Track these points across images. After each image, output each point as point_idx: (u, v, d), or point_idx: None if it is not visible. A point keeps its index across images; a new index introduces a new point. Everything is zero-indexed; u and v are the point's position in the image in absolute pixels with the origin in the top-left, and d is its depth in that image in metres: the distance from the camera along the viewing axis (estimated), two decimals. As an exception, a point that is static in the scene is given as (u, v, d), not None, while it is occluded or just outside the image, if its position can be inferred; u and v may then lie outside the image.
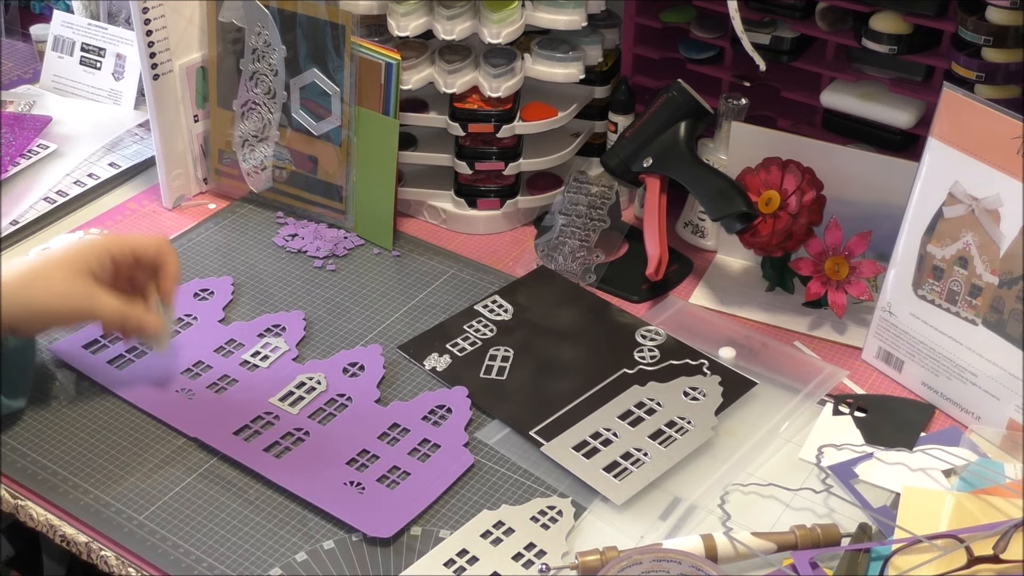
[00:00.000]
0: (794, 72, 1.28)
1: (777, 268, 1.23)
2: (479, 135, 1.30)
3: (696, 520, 0.96)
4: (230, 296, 1.22)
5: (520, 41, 1.28)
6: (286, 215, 1.36)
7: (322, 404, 1.07)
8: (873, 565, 0.88)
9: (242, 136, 1.35)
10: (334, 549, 0.94)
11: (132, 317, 1.04)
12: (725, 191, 1.18)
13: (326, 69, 1.27)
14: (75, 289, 1.01)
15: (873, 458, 1.01)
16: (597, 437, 1.03)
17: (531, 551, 0.93)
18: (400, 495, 0.98)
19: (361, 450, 1.02)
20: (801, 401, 1.09)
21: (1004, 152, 0.98)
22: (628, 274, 1.26)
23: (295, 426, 1.05)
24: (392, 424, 1.05)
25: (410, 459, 1.02)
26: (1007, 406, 1.02)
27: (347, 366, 1.12)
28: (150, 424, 1.06)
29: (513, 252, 1.32)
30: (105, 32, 1.57)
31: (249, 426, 1.05)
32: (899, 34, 1.17)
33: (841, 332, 1.19)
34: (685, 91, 1.22)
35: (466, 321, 1.18)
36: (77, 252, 1.02)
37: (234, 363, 1.12)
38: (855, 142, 1.25)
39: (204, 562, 0.93)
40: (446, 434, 1.04)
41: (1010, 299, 1.00)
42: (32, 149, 1.44)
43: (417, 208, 1.37)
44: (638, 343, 1.16)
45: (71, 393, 1.09)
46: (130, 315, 1.03)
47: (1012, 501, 0.93)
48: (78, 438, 1.04)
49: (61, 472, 1.01)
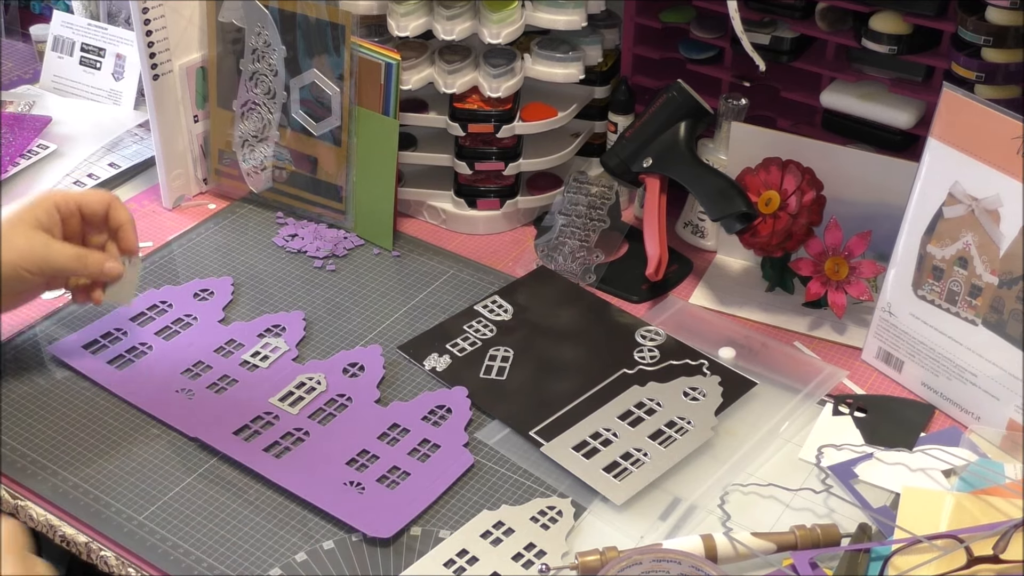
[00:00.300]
0: (794, 72, 1.28)
1: (777, 268, 1.23)
2: (479, 135, 1.30)
3: (696, 520, 0.96)
4: (230, 296, 1.22)
5: (520, 41, 1.28)
6: (286, 215, 1.36)
7: (322, 404, 1.07)
8: (873, 565, 0.88)
9: (242, 136, 1.35)
10: (334, 549, 0.94)
11: (92, 259, 1.04)
12: (725, 191, 1.18)
13: (326, 69, 1.27)
14: (31, 241, 1.01)
15: (873, 458, 1.01)
16: (597, 437, 1.03)
17: (531, 551, 0.93)
18: (400, 495, 0.98)
19: (361, 450, 1.02)
20: (801, 401, 1.09)
21: (1004, 152, 0.98)
22: (628, 274, 1.26)
23: (295, 426, 1.05)
24: (392, 424, 1.05)
25: (410, 459, 1.02)
26: (1007, 406, 1.02)
27: (347, 366, 1.12)
28: (150, 424, 1.06)
29: (513, 252, 1.32)
30: (105, 32, 1.57)
31: (249, 426, 1.05)
32: (899, 34, 1.17)
33: (841, 332, 1.19)
34: (685, 91, 1.22)
35: (466, 321, 1.18)
36: (24, 208, 1.03)
37: (234, 363, 1.12)
38: (855, 142, 1.25)
39: (204, 562, 0.93)
40: (446, 434, 1.04)
41: (1010, 299, 1.00)
42: (32, 149, 1.44)
43: (417, 208, 1.37)
44: (638, 343, 1.16)
45: (70, 393, 1.09)
46: (90, 257, 1.04)
47: (1012, 501, 0.93)
48: (78, 438, 1.04)
49: (61, 472, 1.01)
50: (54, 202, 1.04)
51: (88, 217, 1.06)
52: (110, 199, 1.07)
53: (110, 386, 1.09)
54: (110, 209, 1.07)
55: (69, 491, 0.99)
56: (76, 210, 1.05)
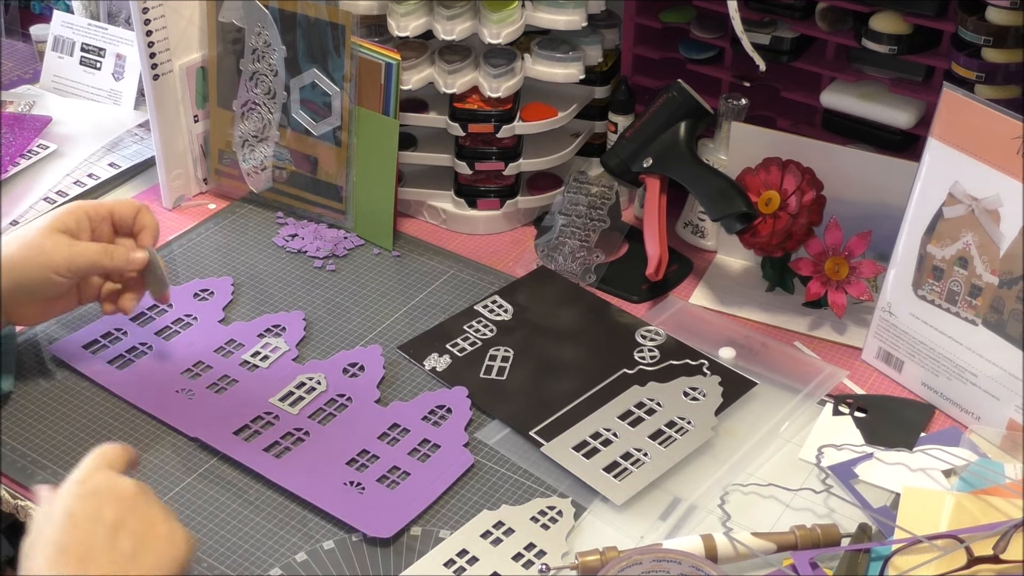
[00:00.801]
0: (794, 72, 1.28)
1: (777, 268, 1.23)
2: (479, 135, 1.30)
3: (696, 520, 0.96)
4: (230, 296, 1.22)
5: (520, 41, 1.28)
6: (286, 215, 1.36)
7: (322, 404, 1.07)
8: (873, 565, 0.88)
9: (242, 136, 1.35)
10: (334, 549, 0.94)
11: (118, 251, 1.05)
12: (725, 191, 1.18)
13: (326, 69, 1.27)
14: (56, 242, 1.03)
15: (873, 458, 1.01)
16: (597, 437, 1.03)
17: (531, 551, 0.93)
18: (400, 495, 0.98)
19: (361, 450, 1.02)
20: (801, 401, 1.09)
21: (1004, 152, 0.98)
22: (628, 274, 1.26)
23: (295, 426, 1.05)
24: (392, 424, 1.05)
25: (410, 459, 1.02)
26: (1007, 406, 1.02)
27: (347, 366, 1.12)
28: (150, 424, 1.06)
29: (513, 252, 1.32)
30: (105, 32, 1.57)
31: (249, 426, 1.05)
32: (899, 34, 1.17)
33: (841, 332, 1.19)
34: (685, 91, 1.22)
35: (466, 321, 1.18)
36: (51, 215, 1.05)
37: (234, 363, 1.12)
38: (855, 142, 1.25)
39: (204, 562, 0.93)
40: (446, 434, 1.04)
41: (1010, 299, 1.00)
42: (32, 149, 1.44)
43: (417, 208, 1.37)
44: (638, 343, 1.16)
45: (70, 393, 1.09)
46: (116, 250, 1.05)
47: (1012, 501, 0.93)
48: (78, 438, 1.04)
49: (61, 472, 1.00)
50: (84, 210, 1.06)
51: (118, 222, 1.08)
52: (140, 206, 1.09)
53: (110, 386, 1.09)
54: (138, 214, 1.09)
55: (69, 491, 0.99)
56: (108, 215, 1.08)
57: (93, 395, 1.09)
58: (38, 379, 1.10)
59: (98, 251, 1.04)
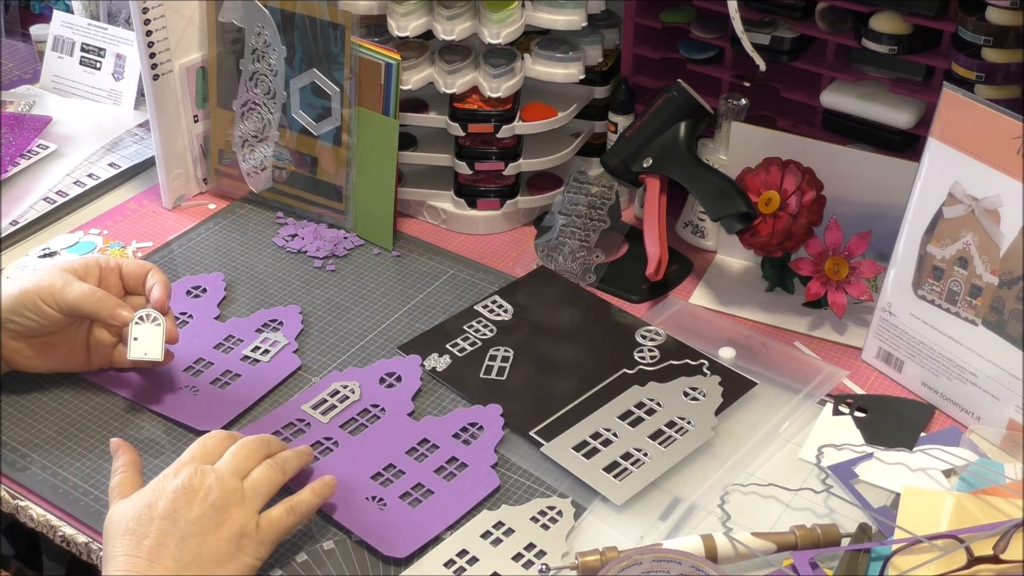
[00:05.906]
0: (794, 72, 1.28)
1: (777, 268, 1.23)
2: (479, 135, 1.30)
3: (696, 520, 0.96)
4: (223, 293, 1.22)
5: (520, 41, 1.28)
6: (286, 215, 1.36)
7: (355, 414, 1.06)
8: (873, 565, 0.88)
9: (242, 136, 1.35)
10: (334, 549, 0.93)
11: (107, 301, 1.04)
12: (725, 191, 1.18)
13: (326, 69, 1.27)
14: (53, 276, 1.04)
15: (873, 458, 1.01)
16: (597, 437, 1.03)
17: (531, 551, 0.93)
18: (421, 514, 0.96)
19: (388, 464, 1.01)
20: (801, 401, 1.09)
21: (1004, 152, 0.98)
22: (628, 274, 1.26)
23: (325, 435, 1.03)
24: (422, 439, 1.03)
25: (435, 477, 0.99)
26: (1007, 406, 1.02)
27: (384, 375, 1.11)
28: (151, 424, 1.06)
29: (513, 252, 1.32)
30: (105, 32, 1.57)
31: (280, 432, 1.04)
32: (899, 34, 1.17)
33: (841, 332, 1.19)
34: (685, 91, 1.22)
35: (466, 321, 1.18)
36: (64, 261, 1.08)
37: (235, 358, 1.12)
38: (855, 142, 1.25)
39: (204, 562, 0.92)
40: (474, 453, 1.02)
41: (1010, 299, 1.00)
42: (32, 149, 1.44)
43: (417, 208, 1.37)
44: (638, 343, 1.16)
45: (70, 393, 1.09)
46: (106, 300, 1.04)
47: (1012, 501, 0.93)
48: (77, 438, 1.04)
49: (61, 472, 1.01)
50: (96, 259, 1.08)
51: (126, 277, 1.09)
52: (151, 266, 1.09)
53: (110, 385, 1.09)
54: (148, 274, 1.08)
55: (69, 491, 0.99)
56: (116, 268, 1.08)
57: (93, 395, 1.09)
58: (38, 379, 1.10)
59: (87, 292, 1.03)
